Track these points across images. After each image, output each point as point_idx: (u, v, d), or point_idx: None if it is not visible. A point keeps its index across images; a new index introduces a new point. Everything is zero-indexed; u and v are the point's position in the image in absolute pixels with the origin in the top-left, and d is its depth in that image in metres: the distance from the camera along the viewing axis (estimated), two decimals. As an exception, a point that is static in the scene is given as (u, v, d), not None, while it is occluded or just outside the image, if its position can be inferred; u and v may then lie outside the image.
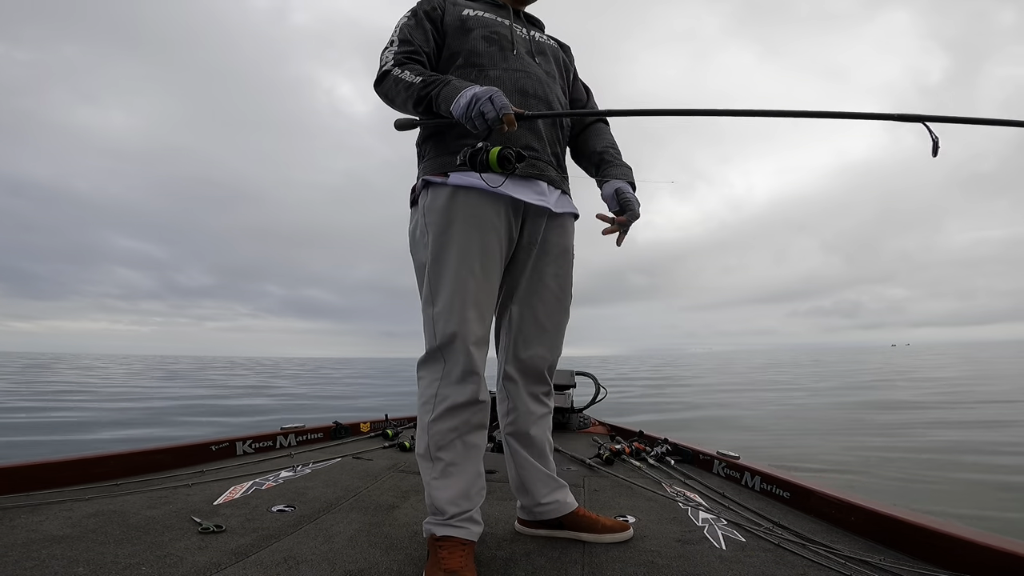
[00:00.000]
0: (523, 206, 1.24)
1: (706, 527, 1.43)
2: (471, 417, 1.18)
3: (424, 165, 1.27)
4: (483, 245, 1.18)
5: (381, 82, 1.22)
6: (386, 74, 1.21)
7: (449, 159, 1.20)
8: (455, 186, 1.19)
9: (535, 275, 1.30)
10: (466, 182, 1.18)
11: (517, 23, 1.35)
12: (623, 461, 2.24)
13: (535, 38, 1.37)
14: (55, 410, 7.99)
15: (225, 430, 6.34)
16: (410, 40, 1.24)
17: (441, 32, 1.29)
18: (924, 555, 1.21)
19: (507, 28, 1.31)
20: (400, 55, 1.22)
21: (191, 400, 10.48)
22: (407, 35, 1.25)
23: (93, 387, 13.47)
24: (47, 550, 1.16)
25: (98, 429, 6.14)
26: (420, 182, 1.25)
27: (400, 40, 1.24)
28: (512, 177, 1.19)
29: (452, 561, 1.07)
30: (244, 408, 9.14)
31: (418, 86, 1.15)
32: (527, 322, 1.31)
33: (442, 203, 1.19)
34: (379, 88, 1.23)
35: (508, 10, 1.37)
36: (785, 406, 8.58)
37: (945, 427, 5.83)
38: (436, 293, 1.18)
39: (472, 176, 1.17)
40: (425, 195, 1.23)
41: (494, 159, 1.05)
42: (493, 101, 1.04)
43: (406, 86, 1.17)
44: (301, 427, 2.53)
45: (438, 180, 1.21)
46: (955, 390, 10.41)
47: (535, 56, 1.33)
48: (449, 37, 1.28)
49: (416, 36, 1.25)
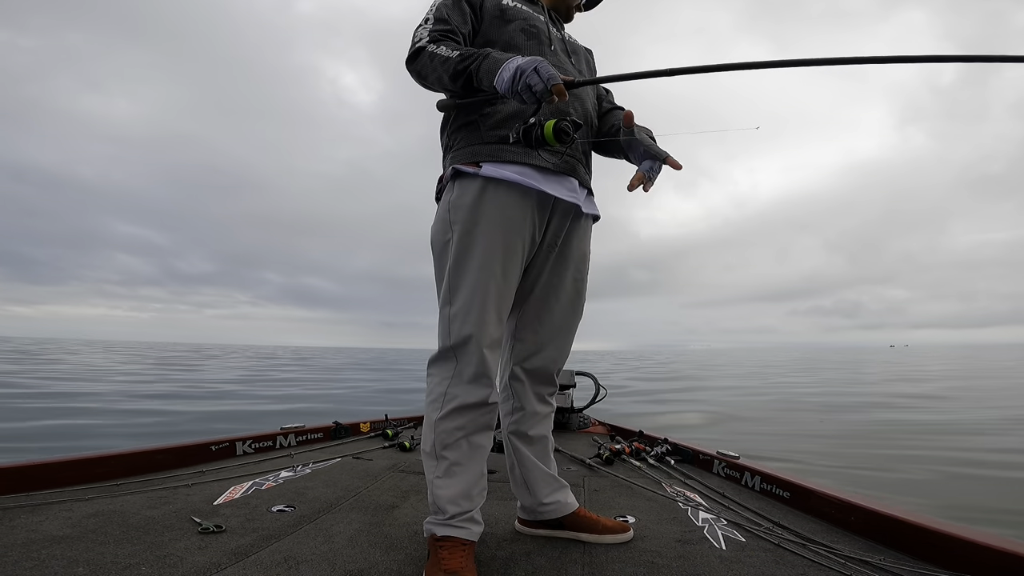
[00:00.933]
0: (551, 203, 1.22)
1: (706, 527, 1.43)
2: (479, 418, 1.17)
3: (454, 154, 1.22)
4: (507, 247, 1.16)
5: (415, 59, 1.16)
6: (420, 50, 1.15)
7: (482, 148, 1.17)
8: (486, 178, 1.16)
9: (553, 277, 1.29)
10: (498, 174, 1.15)
11: (548, 20, 1.34)
12: (623, 461, 2.24)
13: (567, 38, 1.36)
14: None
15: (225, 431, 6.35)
16: (447, 19, 1.19)
17: (479, 17, 1.25)
18: (924, 555, 1.21)
19: (544, 24, 1.29)
20: (435, 32, 1.17)
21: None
22: (444, 14, 1.20)
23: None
24: (47, 550, 1.16)
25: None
26: (449, 171, 1.21)
27: (436, 18, 1.19)
28: (546, 172, 1.18)
29: (452, 561, 1.07)
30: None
31: (455, 59, 1.10)
32: (541, 323, 1.30)
33: (470, 200, 1.16)
34: (412, 65, 1.18)
35: (543, 7, 1.35)
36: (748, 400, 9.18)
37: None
38: (455, 293, 1.16)
39: (505, 168, 1.14)
40: (452, 188, 1.20)
41: (550, 133, 1.01)
42: (539, 72, 0.98)
43: (442, 61, 1.11)
44: (301, 427, 2.53)
45: (470, 171, 1.17)
46: (943, 389, 10.86)
47: (570, 55, 1.32)
48: (486, 24, 1.24)
49: (453, 16, 1.20)
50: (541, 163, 1.18)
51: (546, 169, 1.19)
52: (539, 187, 1.16)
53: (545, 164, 1.19)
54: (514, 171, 1.16)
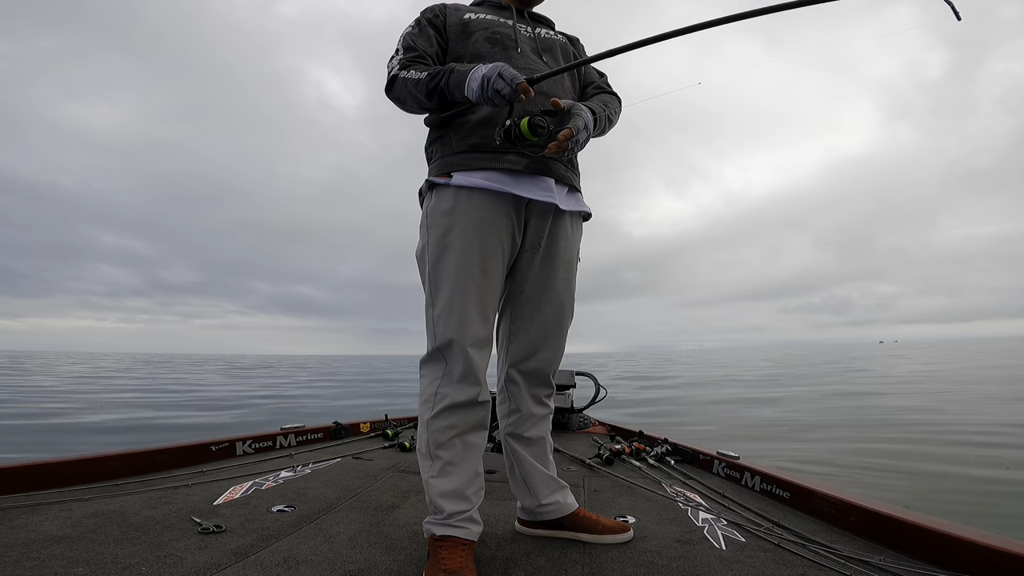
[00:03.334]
0: (526, 205, 1.24)
1: (706, 527, 1.43)
2: (470, 416, 1.18)
3: (430, 168, 1.29)
4: (484, 247, 1.18)
5: (391, 87, 1.25)
6: (394, 79, 1.24)
7: (453, 159, 1.22)
8: (458, 187, 1.20)
9: (542, 277, 1.30)
10: (469, 182, 1.19)
11: (522, 23, 1.36)
12: (623, 461, 2.24)
13: (541, 35, 1.37)
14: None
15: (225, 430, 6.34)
16: (414, 47, 1.27)
17: (444, 37, 1.31)
18: (924, 555, 1.21)
19: (510, 28, 1.32)
20: (405, 60, 1.25)
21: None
22: (411, 43, 1.27)
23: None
24: (47, 550, 1.16)
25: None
26: (425, 184, 1.28)
27: (404, 48, 1.27)
28: (516, 175, 1.20)
29: (452, 561, 1.07)
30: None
31: (424, 80, 1.18)
32: (533, 325, 1.31)
33: (445, 206, 1.21)
34: (390, 93, 1.26)
35: (511, 11, 1.37)
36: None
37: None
38: (436, 295, 1.19)
39: (474, 176, 1.18)
40: (430, 198, 1.25)
41: (526, 129, 1.07)
42: (503, 76, 1.06)
43: (414, 83, 1.20)
44: (301, 427, 2.54)
45: (441, 181, 1.22)
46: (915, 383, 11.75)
47: (541, 54, 1.33)
48: (452, 42, 1.30)
49: (420, 42, 1.28)
50: (510, 166, 1.21)
51: (517, 172, 1.21)
52: (509, 190, 1.19)
53: (515, 167, 1.21)
54: (483, 177, 1.19)
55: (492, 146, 1.18)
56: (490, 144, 1.18)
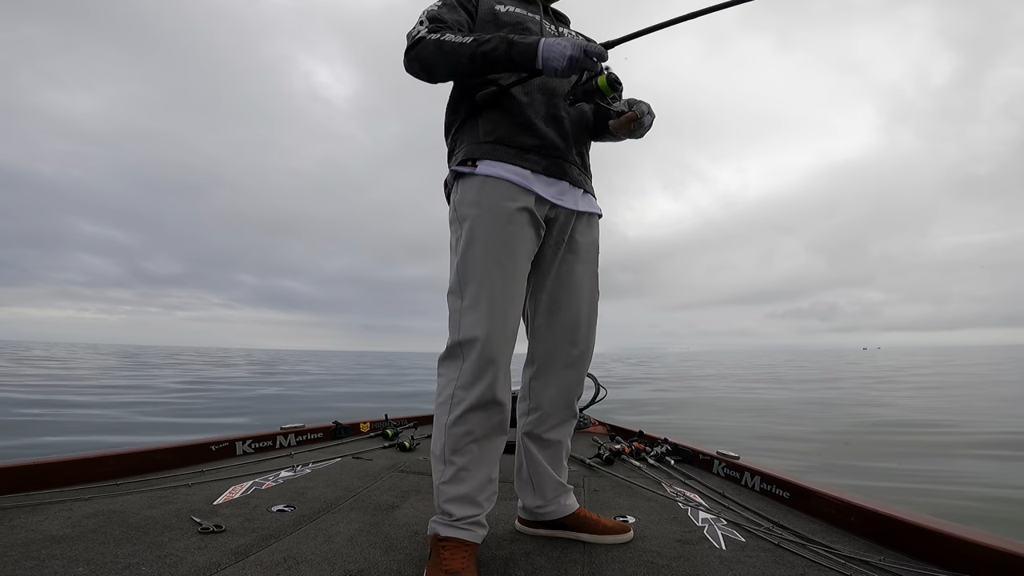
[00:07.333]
0: (547, 204, 1.24)
1: (706, 527, 1.43)
2: (488, 419, 1.15)
3: (455, 157, 1.27)
4: (510, 238, 1.17)
5: (414, 48, 1.17)
6: (420, 40, 1.16)
7: (477, 148, 1.22)
8: (484, 176, 1.19)
9: (564, 273, 1.30)
10: (494, 172, 1.19)
11: (546, 19, 1.35)
12: (623, 461, 2.24)
13: (564, 34, 1.36)
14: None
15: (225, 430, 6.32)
16: (442, 19, 1.20)
17: (472, 19, 1.27)
18: (924, 555, 1.21)
19: (537, 24, 1.31)
20: (433, 27, 1.18)
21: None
22: (438, 15, 1.21)
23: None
24: (47, 550, 1.16)
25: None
26: (450, 175, 1.26)
27: (430, 19, 1.20)
28: (536, 174, 1.22)
29: (454, 562, 1.07)
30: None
31: (469, 45, 1.11)
32: (556, 319, 1.30)
33: (472, 196, 1.19)
34: (412, 54, 1.18)
35: (538, 6, 1.36)
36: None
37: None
38: (464, 287, 1.17)
39: (499, 167, 1.19)
40: (456, 190, 1.24)
41: (605, 85, 1.10)
42: (587, 50, 1.07)
43: (454, 46, 1.13)
44: (301, 427, 2.53)
45: (466, 171, 1.21)
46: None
47: None
48: (478, 26, 1.27)
49: (448, 16, 1.22)
50: (532, 166, 1.21)
51: (537, 172, 1.22)
52: (531, 187, 1.20)
53: (535, 168, 1.22)
54: (507, 170, 1.19)
55: (518, 142, 1.20)
56: (516, 139, 1.20)
